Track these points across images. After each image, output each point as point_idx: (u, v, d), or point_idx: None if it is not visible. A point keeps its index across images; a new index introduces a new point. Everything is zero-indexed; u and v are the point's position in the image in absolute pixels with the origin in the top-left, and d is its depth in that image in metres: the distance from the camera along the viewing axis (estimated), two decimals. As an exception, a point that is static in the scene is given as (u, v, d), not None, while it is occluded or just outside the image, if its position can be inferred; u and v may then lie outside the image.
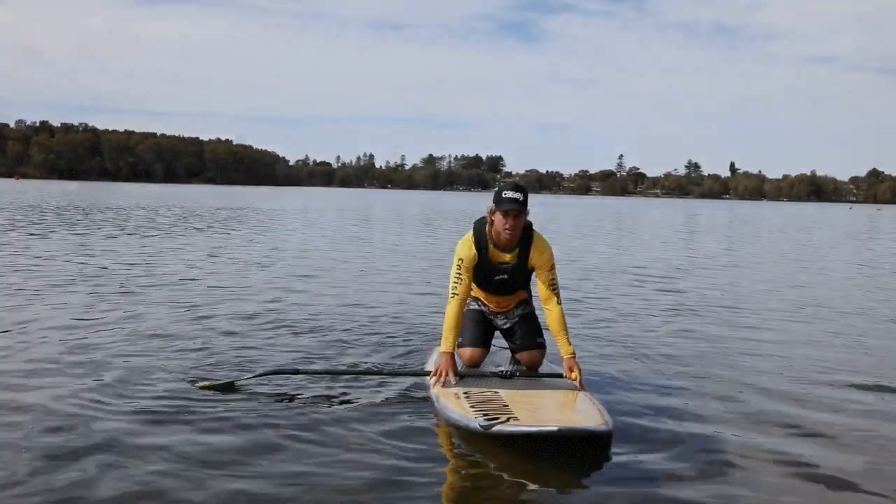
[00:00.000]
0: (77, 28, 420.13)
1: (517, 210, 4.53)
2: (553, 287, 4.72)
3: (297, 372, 4.89)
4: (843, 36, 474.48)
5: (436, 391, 4.45)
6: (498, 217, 4.56)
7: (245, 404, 4.37)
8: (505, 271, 4.75)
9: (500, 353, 5.22)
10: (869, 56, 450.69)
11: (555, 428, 3.51)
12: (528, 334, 4.94)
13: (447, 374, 4.53)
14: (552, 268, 4.74)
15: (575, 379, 4.46)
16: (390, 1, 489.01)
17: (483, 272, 4.78)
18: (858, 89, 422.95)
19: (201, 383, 4.70)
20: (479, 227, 4.70)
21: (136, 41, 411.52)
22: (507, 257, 4.70)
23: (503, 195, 4.55)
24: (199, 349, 5.70)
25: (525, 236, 4.67)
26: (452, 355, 4.64)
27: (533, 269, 4.77)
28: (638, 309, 8.45)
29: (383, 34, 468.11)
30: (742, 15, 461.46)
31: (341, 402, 4.49)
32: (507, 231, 4.56)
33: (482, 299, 5.01)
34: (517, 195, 4.54)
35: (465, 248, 4.69)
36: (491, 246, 4.67)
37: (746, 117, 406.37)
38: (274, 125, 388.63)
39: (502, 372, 4.63)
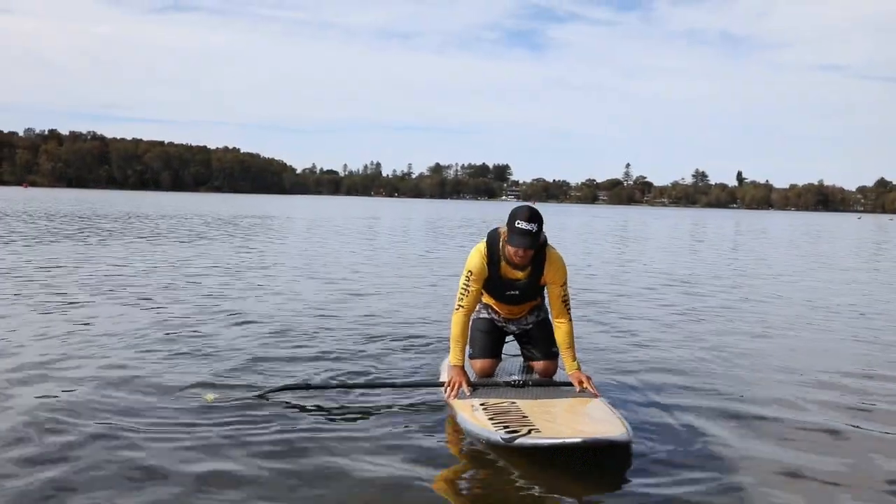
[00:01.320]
0: (86, 36, 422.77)
1: (528, 246, 4.36)
2: (565, 302, 4.61)
3: (308, 387, 4.76)
4: (851, 44, 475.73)
5: (451, 403, 4.38)
6: (510, 246, 4.41)
7: (256, 418, 4.24)
8: (517, 287, 4.64)
9: (510, 361, 5.14)
10: (877, 65, 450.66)
11: (579, 440, 3.48)
12: (542, 343, 4.83)
13: (460, 385, 4.44)
14: (565, 283, 4.61)
15: (587, 387, 4.40)
16: (397, 9, 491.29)
17: (494, 286, 4.67)
18: (866, 98, 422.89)
19: (209, 396, 4.58)
20: (493, 242, 4.54)
21: (145, 50, 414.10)
22: (520, 274, 4.56)
23: (516, 224, 4.33)
24: (209, 361, 5.57)
25: (538, 253, 4.52)
26: (462, 367, 4.57)
27: (545, 284, 4.65)
28: (653, 316, 8.32)
29: (390, 42, 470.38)
30: (749, 23, 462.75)
31: (354, 415, 4.37)
32: (519, 259, 4.44)
33: (493, 306, 4.88)
34: (530, 226, 4.31)
35: (476, 261, 4.54)
36: (503, 262, 4.53)
37: (754, 126, 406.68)
38: (281, 133, 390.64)
39: (515, 381, 4.56)
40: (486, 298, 4.86)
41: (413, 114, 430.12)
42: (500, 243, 4.50)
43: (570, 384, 4.55)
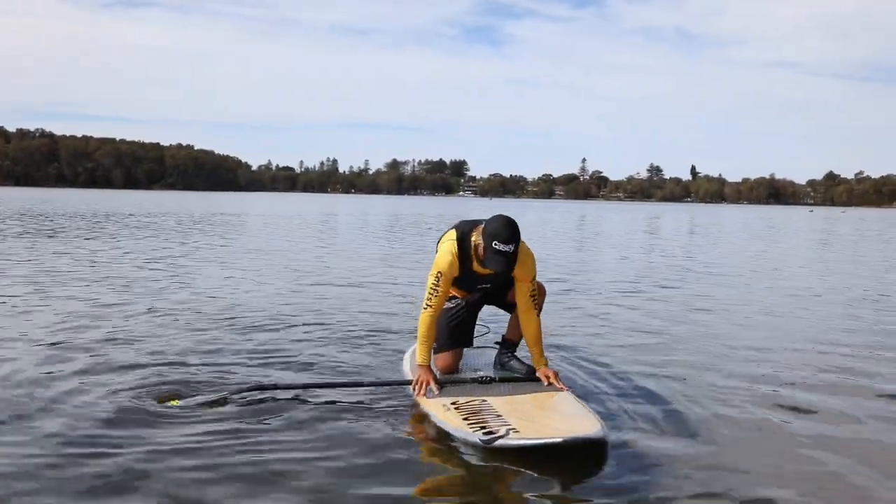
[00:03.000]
0: (34, 32, 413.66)
1: (505, 269, 4.25)
2: (533, 298, 4.53)
3: (275, 388, 4.58)
4: (801, 42, 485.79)
5: (421, 403, 4.29)
6: (487, 266, 4.27)
7: (222, 421, 4.06)
8: (488, 281, 4.58)
9: (472, 355, 5.10)
10: (825, 62, 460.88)
11: (559, 439, 3.47)
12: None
13: (428, 384, 4.34)
14: (534, 279, 4.53)
15: (553, 382, 4.37)
16: (355, 6, 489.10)
17: (465, 281, 4.58)
18: (815, 94, 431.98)
19: (174, 400, 4.37)
20: (464, 242, 4.37)
21: (95, 46, 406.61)
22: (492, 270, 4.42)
23: (493, 246, 4.15)
24: (172, 362, 5.33)
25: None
26: (429, 366, 4.47)
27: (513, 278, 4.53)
28: (616, 309, 8.27)
29: (347, 39, 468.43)
30: (703, 21, 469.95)
31: (322, 416, 4.20)
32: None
33: (455, 294, 4.76)
34: (508, 248, 4.16)
35: (446, 262, 4.39)
36: (475, 262, 4.40)
37: (707, 121, 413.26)
38: (236, 130, 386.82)
39: (483, 378, 4.49)
40: (452, 290, 4.71)
41: (370, 110, 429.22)
42: (472, 242, 4.34)
43: (535, 380, 4.51)
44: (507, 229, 4.16)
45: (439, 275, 4.40)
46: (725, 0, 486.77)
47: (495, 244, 4.14)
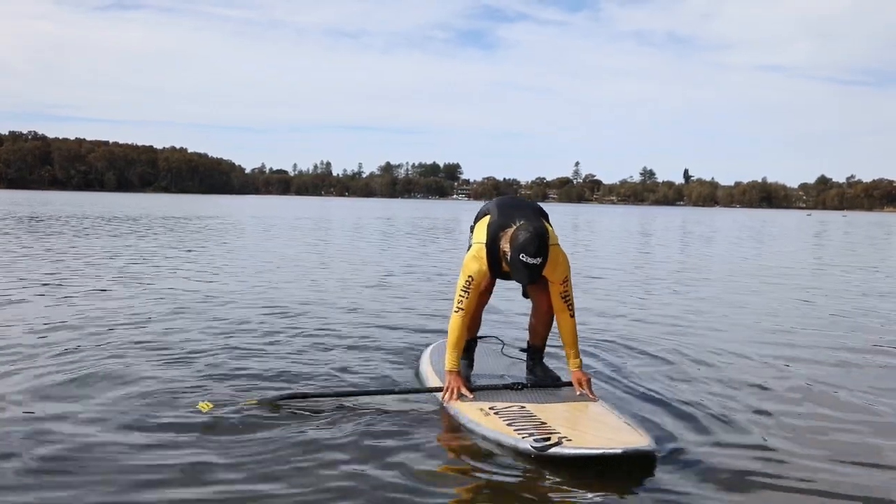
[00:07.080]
0: (25, 33, 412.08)
1: (532, 282, 4.25)
2: (566, 299, 4.49)
3: (306, 396, 4.54)
4: (791, 46, 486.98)
5: (457, 408, 4.24)
6: (513, 277, 4.29)
7: (252, 429, 4.05)
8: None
9: (494, 361, 5.12)
10: (816, 65, 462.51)
11: (619, 450, 3.38)
12: None
13: (459, 391, 4.34)
14: (566, 280, 4.48)
15: (585, 390, 4.37)
16: (347, 9, 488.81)
17: (494, 281, 4.60)
18: (806, 98, 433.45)
19: (204, 405, 4.35)
20: (494, 245, 4.33)
21: (89, 48, 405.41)
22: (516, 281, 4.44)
23: (520, 258, 4.08)
24: (201, 368, 5.33)
25: None
26: (459, 372, 4.43)
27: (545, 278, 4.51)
28: (642, 315, 8.21)
29: (340, 42, 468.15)
30: (694, 25, 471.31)
31: (352, 424, 4.16)
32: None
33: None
34: (535, 261, 4.09)
35: (477, 266, 4.37)
36: (504, 264, 4.35)
37: (699, 125, 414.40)
38: (229, 133, 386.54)
39: (514, 384, 4.48)
40: None
41: (363, 113, 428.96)
42: (500, 248, 4.28)
43: (567, 384, 4.49)
44: (535, 243, 4.08)
45: (470, 279, 4.38)
46: (718, 4, 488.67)
47: (522, 256, 4.08)
